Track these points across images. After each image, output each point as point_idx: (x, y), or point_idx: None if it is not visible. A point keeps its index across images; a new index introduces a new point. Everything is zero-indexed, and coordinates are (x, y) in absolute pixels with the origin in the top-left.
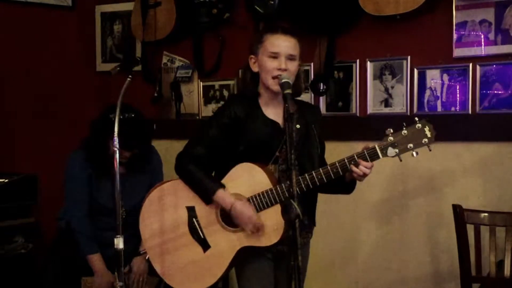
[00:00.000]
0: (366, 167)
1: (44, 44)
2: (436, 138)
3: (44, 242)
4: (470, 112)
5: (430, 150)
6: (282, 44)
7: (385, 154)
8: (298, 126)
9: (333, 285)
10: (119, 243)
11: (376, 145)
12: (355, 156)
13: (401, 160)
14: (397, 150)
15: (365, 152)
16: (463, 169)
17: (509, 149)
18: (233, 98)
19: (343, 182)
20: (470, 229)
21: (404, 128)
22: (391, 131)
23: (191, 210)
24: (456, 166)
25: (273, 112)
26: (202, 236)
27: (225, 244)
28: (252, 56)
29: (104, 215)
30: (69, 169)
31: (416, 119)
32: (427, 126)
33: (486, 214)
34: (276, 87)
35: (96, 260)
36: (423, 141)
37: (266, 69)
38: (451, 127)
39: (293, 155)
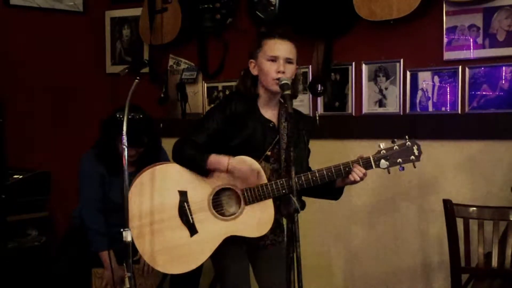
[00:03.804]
0: (360, 171)
1: (57, 47)
2: (428, 137)
3: (57, 235)
4: (459, 112)
5: (414, 167)
6: (280, 48)
7: (377, 165)
8: None
9: (329, 277)
10: (127, 235)
11: (371, 155)
12: (350, 163)
13: (389, 173)
14: (388, 163)
15: (360, 161)
16: (453, 166)
17: (497, 147)
18: (234, 94)
19: (332, 188)
20: (459, 222)
21: (395, 144)
22: (383, 145)
23: (183, 195)
24: (447, 163)
25: (269, 113)
26: (191, 221)
27: (213, 232)
28: (252, 60)
29: (116, 211)
30: (81, 169)
31: (407, 137)
32: (415, 145)
33: (474, 208)
34: (275, 87)
35: (107, 257)
36: (410, 158)
37: (266, 72)
38: (442, 126)
39: (293, 152)
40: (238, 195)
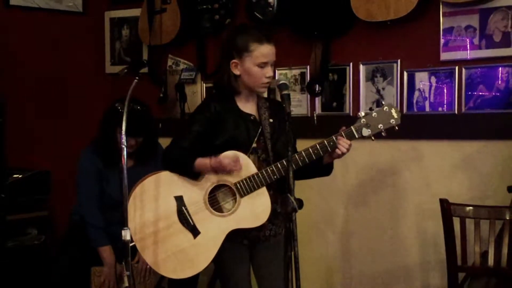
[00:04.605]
0: (345, 143)
1: (57, 47)
2: (425, 137)
3: (56, 234)
4: (456, 112)
5: (397, 129)
6: (270, 53)
7: (360, 134)
8: (271, 120)
9: (327, 276)
10: (126, 234)
11: (352, 126)
12: (334, 137)
13: (373, 139)
14: (370, 130)
15: (342, 133)
16: (450, 165)
17: (493, 147)
18: (212, 95)
19: (321, 165)
20: (456, 222)
21: (373, 111)
22: (363, 113)
23: (179, 200)
24: (443, 163)
25: (249, 107)
26: (192, 223)
27: (215, 229)
28: (235, 61)
29: (114, 208)
30: (80, 164)
31: (383, 102)
32: (393, 109)
33: (471, 207)
34: (263, 90)
35: (106, 252)
36: (391, 121)
37: (255, 77)
38: (439, 126)
39: (290, 152)
40: (232, 190)
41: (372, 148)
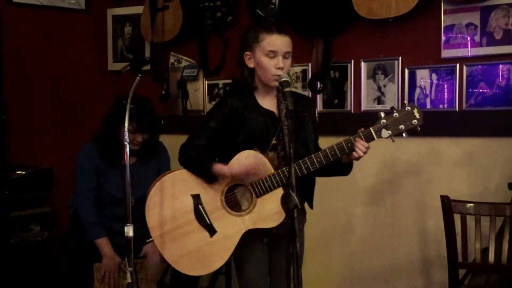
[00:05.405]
0: (362, 146)
1: (59, 44)
2: (426, 134)
3: (59, 230)
4: (457, 109)
5: (419, 130)
6: (279, 43)
7: (379, 136)
8: None
9: (329, 272)
10: (129, 231)
11: (371, 127)
12: (352, 139)
13: (393, 141)
14: (390, 132)
15: (361, 134)
16: (451, 162)
17: (493, 144)
18: (230, 91)
19: (340, 164)
20: (457, 218)
21: (395, 111)
22: (383, 114)
23: (196, 198)
24: (444, 160)
25: (268, 102)
26: (209, 222)
27: (231, 228)
28: (248, 53)
29: (113, 205)
30: (78, 159)
31: (406, 102)
32: (415, 109)
33: (472, 204)
34: (274, 83)
35: (103, 244)
36: (413, 122)
37: (265, 68)
38: (440, 123)
39: (292, 148)
40: (249, 189)
41: (372, 146)
